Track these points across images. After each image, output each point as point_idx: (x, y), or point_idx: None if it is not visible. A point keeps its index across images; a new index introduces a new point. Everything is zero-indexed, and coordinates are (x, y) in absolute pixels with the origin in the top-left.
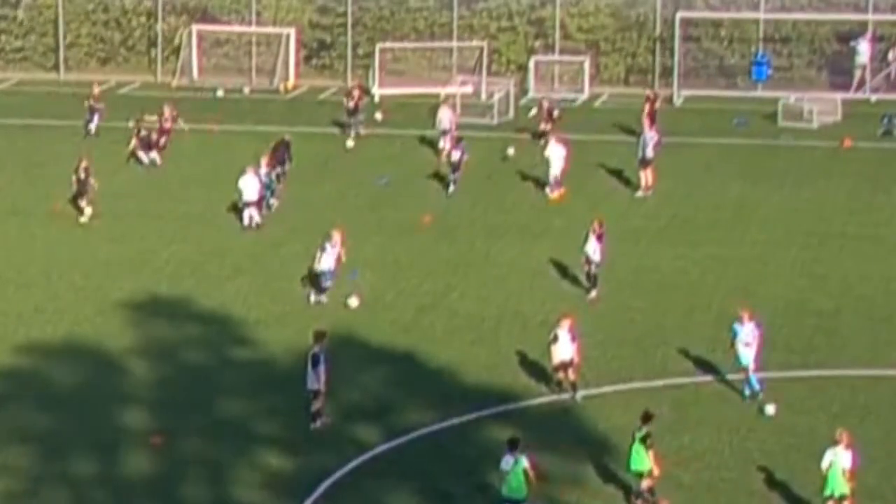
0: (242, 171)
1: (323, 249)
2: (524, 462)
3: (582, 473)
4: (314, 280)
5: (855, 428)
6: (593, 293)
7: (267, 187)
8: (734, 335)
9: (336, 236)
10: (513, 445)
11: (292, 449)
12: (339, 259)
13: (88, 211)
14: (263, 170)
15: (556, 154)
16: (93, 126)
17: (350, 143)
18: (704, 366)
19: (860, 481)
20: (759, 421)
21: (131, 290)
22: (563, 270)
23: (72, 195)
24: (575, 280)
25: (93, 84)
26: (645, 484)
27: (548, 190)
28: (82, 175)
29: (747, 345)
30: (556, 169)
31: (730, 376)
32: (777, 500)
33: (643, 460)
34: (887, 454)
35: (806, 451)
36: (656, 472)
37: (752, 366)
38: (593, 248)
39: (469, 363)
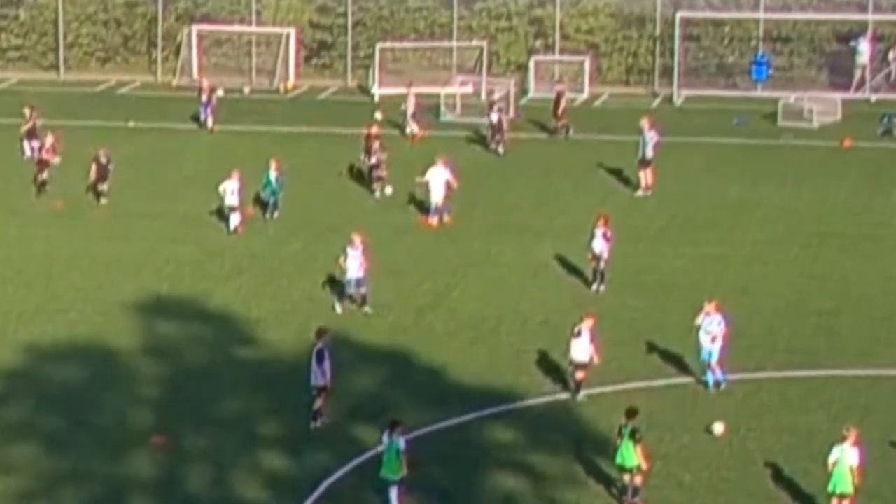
0: (227, 175)
1: (345, 254)
2: (399, 443)
3: (582, 473)
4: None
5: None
6: (602, 288)
7: (274, 192)
8: (697, 328)
9: (357, 240)
10: (393, 427)
11: (293, 448)
12: (364, 265)
13: (104, 200)
14: (274, 174)
15: (438, 178)
16: (210, 119)
17: None
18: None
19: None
20: (759, 421)
21: (131, 290)
22: (564, 270)
23: (90, 182)
24: (576, 280)
25: (202, 80)
26: (637, 480)
27: (432, 219)
28: (103, 160)
29: (712, 338)
30: (437, 195)
31: (730, 376)
32: (777, 500)
33: (633, 456)
34: (887, 454)
35: (806, 451)
36: (645, 466)
37: (715, 359)
38: (601, 246)
39: (469, 363)
